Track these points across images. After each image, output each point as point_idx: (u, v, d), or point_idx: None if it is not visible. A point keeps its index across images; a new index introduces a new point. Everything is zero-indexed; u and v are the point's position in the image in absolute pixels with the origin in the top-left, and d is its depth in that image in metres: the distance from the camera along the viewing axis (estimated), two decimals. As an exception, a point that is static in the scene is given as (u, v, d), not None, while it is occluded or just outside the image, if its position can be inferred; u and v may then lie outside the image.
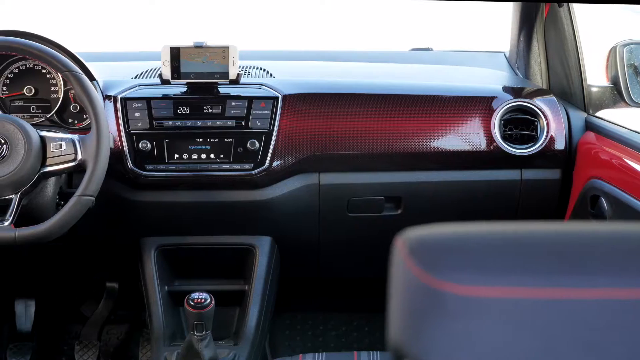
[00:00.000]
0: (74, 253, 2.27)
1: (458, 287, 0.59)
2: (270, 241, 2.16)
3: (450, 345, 0.58)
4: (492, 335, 0.57)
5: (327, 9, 2.92)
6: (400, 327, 0.62)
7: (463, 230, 0.66)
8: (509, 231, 0.65)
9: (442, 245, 0.63)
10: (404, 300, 0.62)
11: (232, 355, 2.00)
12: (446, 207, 2.15)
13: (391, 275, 0.68)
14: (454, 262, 0.61)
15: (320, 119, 2.06)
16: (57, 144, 1.85)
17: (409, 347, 0.59)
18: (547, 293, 0.57)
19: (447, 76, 2.35)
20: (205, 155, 2.01)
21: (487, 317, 0.58)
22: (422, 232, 0.66)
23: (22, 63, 2.13)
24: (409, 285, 0.61)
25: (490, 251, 0.62)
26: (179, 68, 2.03)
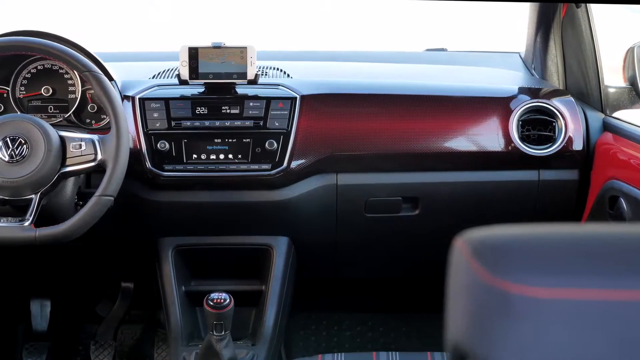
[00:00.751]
0: (91, 253, 2.27)
1: (526, 289, 0.59)
2: (287, 241, 2.16)
3: (518, 346, 0.58)
4: (561, 337, 0.57)
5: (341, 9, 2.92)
6: (464, 328, 0.62)
7: (526, 232, 0.66)
8: (573, 232, 0.65)
9: (507, 246, 0.63)
10: (468, 301, 0.62)
11: (250, 356, 2.00)
12: (464, 207, 2.15)
13: (451, 276, 0.68)
14: (521, 263, 0.61)
15: (338, 119, 2.06)
16: (76, 144, 1.86)
17: (475, 348, 0.59)
18: (618, 295, 0.57)
19: (464, 77, 2.35)
20: (224, 156, 2.01)
21: (556, 319, 0.58)
22: (484, 233, 0.66)
23: (40, 63, 2.13)
24: (474, 287, 0.61)
25: (558, 252, 0.62)
26: (197, 68, 2.03)
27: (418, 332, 2.66)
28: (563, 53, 2.28)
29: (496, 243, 0.64)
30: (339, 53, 2.58)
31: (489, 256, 0.63)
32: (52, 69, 2.13)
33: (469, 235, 0.67)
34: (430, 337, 2.65)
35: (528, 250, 0.63)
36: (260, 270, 2.19)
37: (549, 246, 0.63)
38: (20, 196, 1.82)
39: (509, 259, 0.62)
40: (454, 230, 2.25)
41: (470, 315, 0.61)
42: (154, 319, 2.63)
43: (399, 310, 2.71)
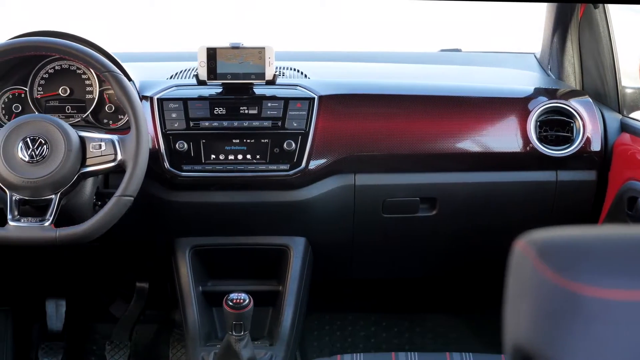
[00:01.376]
0: (108, 253, 2.27)
1: (599, 290, 0.58)
2: (304, 242, 2.16)
3: (590, 348, 0.58)
4: (635, 340, 0.57)
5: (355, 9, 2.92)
6: (529, 329, 0.62)
7: (593, 233, 0.66)
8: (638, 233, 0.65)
9: (576, 248, 0.63)
10: (533, 303, 0.62)
11: (268, 356, 2.00)
12: (481, 208, 2.15)
13: (512, 278, 0.68)
14: (592, 265, 0.61)
15: (357, 119, 2.06)
16: (96, 144, 1.86)
17: (543, 349, 0.59)
18: None
19: (480, 77, 2.35)
20: (242, 156, 2.01)
21: (629, 322, 0.58)
22: (549, 235, 0.66)
23: (57, 63, 2.13)
24: (541, 289, 0.61)
25: (629, 253, 0.62)
26: (215, 69, 2.03)
27: (433, 333, 2.66)
28: (580, 54, 2.28)
29: (564, 245, 0.64)
30: (354, 53, 2.58)
31: (557, 258, 0.62)
32: (70, 69, 2.13)
33: (531, 237, 0.67)
34: (445, 337, 2.65)
35: (598, 252, 0.62)
36: (277, 270, 2.19)
37: (619, 247, 0.63)
38: (41, 196, 1.82)
39: (579, 261, 0.61)
40: (471, 230, 2.27)
41: (537, 317, 0.61)
42: (169, 319, 2.63)
43: (413, 311, 2.71)
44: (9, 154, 1.82)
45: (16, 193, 1.82)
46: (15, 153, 1.82)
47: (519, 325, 0.64)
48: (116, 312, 2.66)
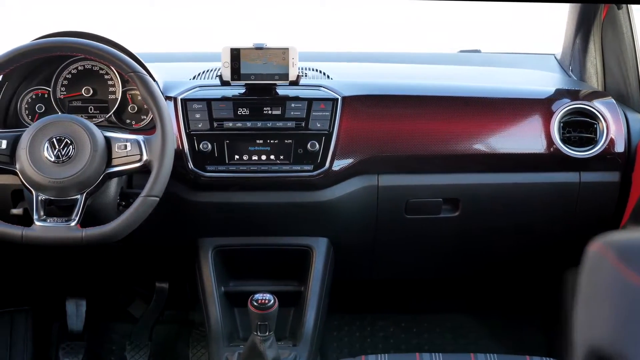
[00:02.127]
0: (129, 253, 2.28)
1: None
2: (327, 242, 2.16)
3: None
4: None
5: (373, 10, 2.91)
6: (609, 331, 0.62)
7: None
8: None
9: None
10: (614, 305, 0.62)
11: (292, 356, 2.01)
12: (504, 209, 2.15)
13: (586, 279, 0.68)
14: None
15: (380, 120, 2.06)
16: (122, 145, 1.86)
17: (628, 352, 0.59)
18: None
19: (501, 78, 2.35)
20: (265, 157, 2.01)
21: None
22: (628, 236, 0.65)
23: (80, 64, 2.14)
24: (623, 291, 0.61)
25: None
26: (239, 69, 2.04)
27: (452, 334, 2.66)
28: (603, 55, 2.28)
29: None
30: (373, 54, 2.58)
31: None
32: (93, 70, 2.14)
33: (609, 239, 0.66)
34: (464, 337, 2.65)
35: None
36: (299, 271, 2.19)
37: None
38: (67, 196, 1.83)
39: None
40: (493, 231, 2.26)
41: (619, 319, 0.61)
42: (187, 319, 2.64)
43: (432, 311, 2.71)
44: (36, 154, 1.82)
45: (42, 193, 1.82)
46: (42, 153, 1.82)
47: (596, 327, 0.63)
48: (135, 312, 2.66)
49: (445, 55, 2.65)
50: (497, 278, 2.56)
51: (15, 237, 1.80)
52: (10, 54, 1.87)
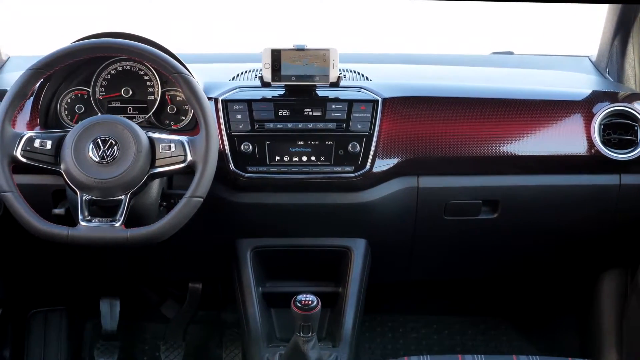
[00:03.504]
0: (167, 253, 2.28)
1: None
2: (365, 244, 2.16)
3: None
4: None
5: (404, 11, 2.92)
6: None
7: None
8: None
9: None
10: None
11: (333, 357, 2.01)
12: (543, 211, 2.15)
13: None
14: None
15: (420, 122, 2.06)
16: (165, 145, 1.86)
17: None
18: None
19: (538, 80, 2.35)
20: (306, 158, 2.02)
21: None
22: None
23: (119, 65, 2.14)
24: None
25: None
26: (279, 70, 2.04)
27: (484, 335, 2.66)
28: (642, 57, 2.28)
29: None
30: (407, 56, 2.58)
31: None
32: (132, 71, 2.14)
33: None
34: (496, 340, 2.65)
35: None
36: (336, 272, 2.19)
37: None
38: (111, 197, 1.83)
39: None
40: (531, 233, 2.26)
41: None
42: (219, 319, 2.64)
43: (464, 313, 2.71)
44: (81, 155, 1.82)
45: (87, 193, 1.83)
46: (87, 154, 1.82)
47: None
48: (167, 313, 2.67)
49: (478, 57, 2.64)
50: (532, 279, 2.55)
51: (61, 237, 1.81)
52: (56, 54, 1.87)
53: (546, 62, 2.58)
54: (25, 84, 1.86)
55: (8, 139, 1.83)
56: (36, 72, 1.87)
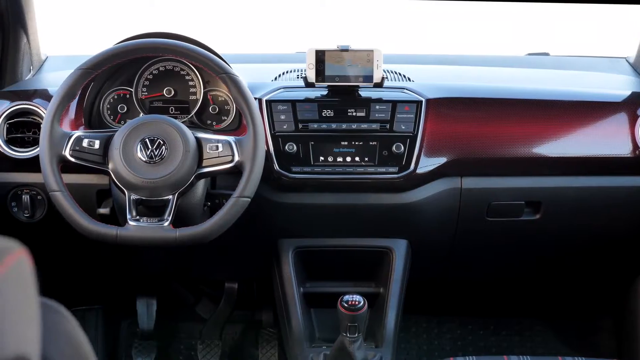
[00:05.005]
0: (211, 253, 2.28)
1: None
2: (406, 244, 2.16)
3: None
4: None
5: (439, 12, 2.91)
6: None
7: None
8: None
9: None
10: None
11: (377, 357, 2.01)
12: (585, 212, 2.14)
13: None
14: None
15: (464, 123, 2.06)
16: (213, 146, 1.86)
17: None
18: None
19: (578, 81, 2.34)
20: (350, 158, 2.02)
21: None
22: None
23: (162, 65, 2.15)
24: None
25: None
26: (323, 71, 2.04)
27: (520, 336, 2.66)
28: (683, 58, 2.27)
29: None
30: (445, 57, 2.58)
31: None
32: (174, 70, 2.15)
33: None
34: (531, 341, 2.65)
35: None
36: (376, 272, 2.19)
37: None
38: (159, 197, 1.83)
39: None
40: (573, 235, 2.25)
41: None
42: (254, 319, 2.64)
43: (500, 314, 2.71)
44: (129, 155, 1.83)
45: (134, 193, 1.83)
46: (135, 153, 1.83)
47: None
48: (202, 312, 2.67)
49: (514, 58, 2.64)
50: (569, 280, 2.55)
51: (110, 237, 1.81)
52: (105, 54, 1.88)
53: (583, 63, 2.57)
54: (74, 84, 1.87)
55: (57, 138, 1.84)
56: (85, 72, 1.87)
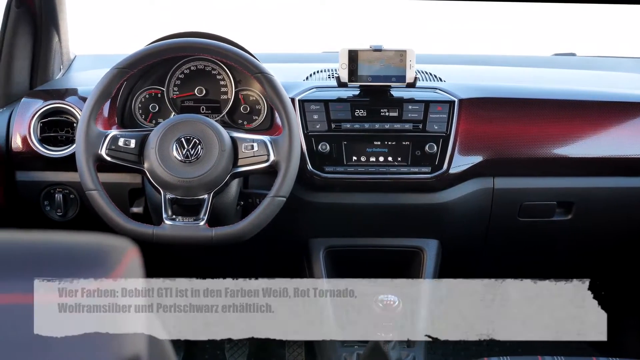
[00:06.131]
0: (239, 252, 2.28)
1: None
2: (437, 244, 2.16)
3: None
4: None
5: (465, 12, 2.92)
6: None
7: None
8: None
9: None
10: None
11: (411, 357, 2.00)
12: (617, 212, 2.15)
13: None
14: None
15: (497, 123, 2.06)
16: (248, 145, 1.86)
17: None
18: None
19: (608, 81, 2.35)
20: (383, 158, 2.02)
21: None
22: None
23: (193, 64, 2.15)
24: None
25: None
26: (356, 71, 2.04)
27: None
28: None
29: None
30: (474, 57, 2.58)
31: None
32: (205, 70, 2.15)
33: None
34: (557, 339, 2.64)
35: None
36: (408, 272, 2.19)
37: None
38: (194, 196, 1.83)
39: None
40: (605, 235, 2.25)
41: None
42: None
43: None
44: (164, 154, 1.83)
45: (170, 192, 1.83)
46: (170, 153, 1.83)
47: None
48: None
49: (541, 58, 2.64)
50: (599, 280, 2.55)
51: (146, 236, 1.81)
52: (141, 53, 1.88)
53: (610, 63, 2.57)
54: (110, 83, 1.87)
55: (93, 137, 1.84)
56: (121, 71, 1.87)
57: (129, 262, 0.66)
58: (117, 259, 0.65)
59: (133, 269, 0.67)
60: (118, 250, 0.66)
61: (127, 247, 0.68)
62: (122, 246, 0.67)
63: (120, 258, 0.66)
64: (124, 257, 0.66)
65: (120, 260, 0.65)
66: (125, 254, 0.66)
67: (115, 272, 0.64)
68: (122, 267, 0.65)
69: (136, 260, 0.68)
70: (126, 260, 0.66)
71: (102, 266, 0.64)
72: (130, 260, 0.67)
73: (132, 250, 0.68)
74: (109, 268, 0.64)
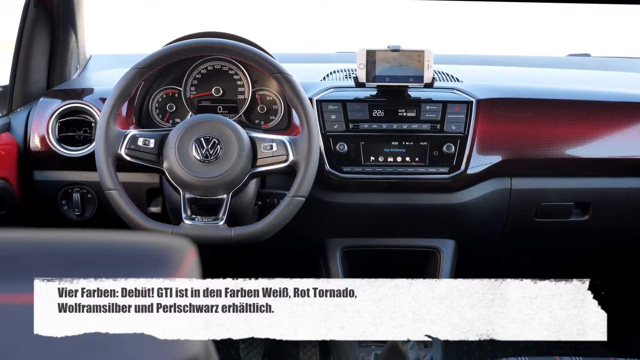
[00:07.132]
0: (256, 251, 2.28)
1: None
2: (454, 244, 2.16)
3: None
4: None
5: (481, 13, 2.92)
6: None
7: None
8: None
9: None
10: None
11: (429, 357, 2.01)
12: (634, 213, 2.14)
13: None
14: None
15: (515, 123, 2.06)
16: (267, 145, 1.86)
17: None
18: None
19: (624, 82, 2.35)
20: (401, 158, 2.02)
21: None
22: None
23: (210, 64, 2.16)
24: None
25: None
26: (373, 71, 2.05)
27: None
28: None
29: None
30: (489, 57, 2.58)
31: None
32: (222, 70, 2.16)
33: None
34: (571, 341, 2.64)
35: None
36: (424, 272, 2.20)
37: None
38: (213, 196, 1.83)
39: None
40: (621, 236, 2.25)
41: None
42: None
43: None
44: (184, 154, 1.83)
45: (189, 192, 1.83)
46: (190, 152, 1.82)
47: None
48: None
49: (556, 58, 2.64)
50: (615, 280, 2.55)
51: None
52: (160, 53, 1.88)
53: (625, 64, 2.57)
54: (130, 83, 1.87)
55: (113, 137, 1.84)
56: (140, 71, 1.87)
57: (190, 263, 0.66)
58: (180, 259, 0.66)
59: (193, 269, 0.67)
60: (180, 251, 0.67)
61: (188, 247, 0.68)
62: (183, 247, 0.67)
63: (182, 258, 0.66)
64: (186, 258, 0.66)
65: (182, 260, 0.66)
66: (187, 254, 0.67)
67: (179, 272, 0.64)
68: (184, 267, 0.65)
69: (196, 261, 0.69)
70: (188, 261, 0.66)
71: (166, 266, 0.64)
72: (192, 260, 0.67)
73: (192, 250, 0.69)
74: (172, 268, 0.64)
